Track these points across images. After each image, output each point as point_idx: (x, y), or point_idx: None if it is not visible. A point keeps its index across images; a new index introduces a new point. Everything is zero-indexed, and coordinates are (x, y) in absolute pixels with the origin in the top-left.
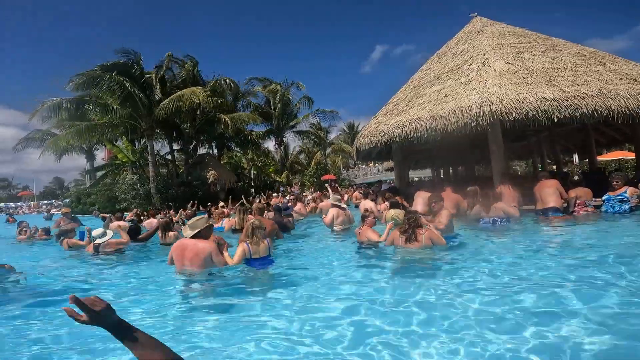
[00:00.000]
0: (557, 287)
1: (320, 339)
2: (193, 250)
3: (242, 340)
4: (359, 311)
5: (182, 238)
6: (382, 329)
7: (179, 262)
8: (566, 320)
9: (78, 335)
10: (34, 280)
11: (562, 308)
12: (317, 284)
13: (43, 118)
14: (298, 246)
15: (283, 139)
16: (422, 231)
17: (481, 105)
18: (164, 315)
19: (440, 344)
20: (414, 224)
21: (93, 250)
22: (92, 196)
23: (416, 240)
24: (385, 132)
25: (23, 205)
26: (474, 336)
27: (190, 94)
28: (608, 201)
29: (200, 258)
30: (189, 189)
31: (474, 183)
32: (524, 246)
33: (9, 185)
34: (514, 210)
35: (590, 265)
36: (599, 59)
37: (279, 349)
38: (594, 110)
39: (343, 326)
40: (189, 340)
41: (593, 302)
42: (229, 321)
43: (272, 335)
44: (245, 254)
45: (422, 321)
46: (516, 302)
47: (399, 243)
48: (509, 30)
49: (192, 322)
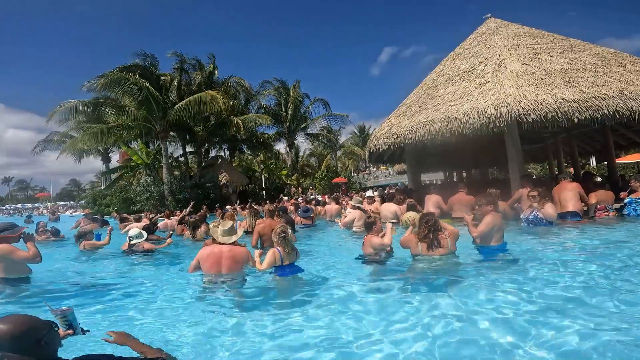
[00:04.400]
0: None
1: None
2: (230, 256)
3: (268, 345)
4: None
5: (212, 244)
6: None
7: (213, 269)
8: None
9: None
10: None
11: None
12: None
13: (60, 120)
14: (317, 250)
15: (294, 142)
16: (446, 234)
17: (498, 106)
18: (195, 318)
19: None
20: (433, 227)
21: (128, 248)
22: (107, 197)
23: (440, 247)
24: (399, 134)
25: (40, 206)
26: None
27: (210, 99)
28: (630, 204)
29: (239, 263)
30: (202, 191)
31: (490, 187)
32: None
33: (27, 187)
34: (553, 211)
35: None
36: (618, 60)
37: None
38: (615, 112)
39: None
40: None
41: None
42: (257, 325)
43: (294, 341)
44: (276, 260)
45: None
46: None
47: (417, 251)
48: (524, 31)
49: (226, 328)
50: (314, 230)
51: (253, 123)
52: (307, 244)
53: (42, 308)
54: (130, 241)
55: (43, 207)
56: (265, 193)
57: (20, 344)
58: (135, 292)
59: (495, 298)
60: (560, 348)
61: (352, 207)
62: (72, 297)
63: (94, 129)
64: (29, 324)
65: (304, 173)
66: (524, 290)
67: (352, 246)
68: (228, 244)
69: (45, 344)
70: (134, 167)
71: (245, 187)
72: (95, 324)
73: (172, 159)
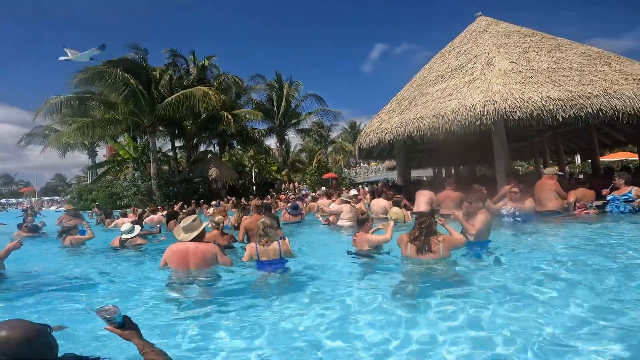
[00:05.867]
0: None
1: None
2: (196, 254)
3: (240, 343)
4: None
5: (176, 242)
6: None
7: (181, 266)
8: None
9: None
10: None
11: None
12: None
13: (45, 115)
14: (306, 246)
15: (285, 137)
16: (439, 239)
17: (485, 104)
18: (158, 317)
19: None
20: (426, 230)
21: (119, 244)
22: (93, 192)
23: (430, 251)
24: (388, 130)
25: (24, 201)
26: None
27: (202, 95)
28: (613, 201)
29: (207, 260)
30: (190, 186)
31: (478, 184)
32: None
33: (12, 181)
34: (531, 205)
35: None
36: (604, 59)
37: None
38: (599, 110)
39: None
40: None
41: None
42: (225, 321)
43: (271, 338)
44: (252, 256)
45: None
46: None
47: (406, 253)
48: (513, 30)
49: (191, 324)
50: (300, 226)
51: (244, 118)
52: (293, 240)
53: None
54: (123, 236)
55: (27, 202)
56: (256, 188)
57: (35, 348)
58: (110, 287)
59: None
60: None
61: (342, 201)
62: (52, 291)
63: (80, 122)
64: (37, 328)
65: (294, 168)
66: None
67: (338, 241)
68: (189, 240)
69: (50, 347)
70: (121, 162)
71: (235, 182)
72: (69, 318)
73: (161, 154)
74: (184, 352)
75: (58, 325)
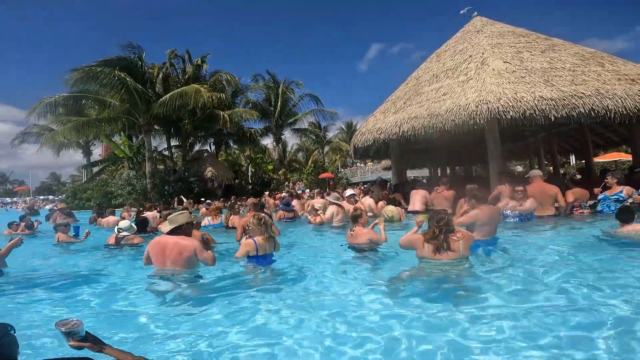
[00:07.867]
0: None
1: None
2: (175, 248)
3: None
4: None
5: (160, 235)
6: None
7: (158, 262)
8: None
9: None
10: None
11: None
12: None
13: (40, 114)
14: (301, 245)
15: (281, 137)
16: (457, 236)
17: (479, 103)
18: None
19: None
20: (445, 227)
21: (114, 242)
22: (88, 191)
23: (450, 250)
24: (383, 129)
25: (19, 200)
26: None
27: (194, 93)
28: (604, 201)
29: (184, 257)
30: (186, 185)
31: (473, 183)
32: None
33: (6, 180)
34: (531, 205)
35: None
36: (597, 59)
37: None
38: (591, 110)
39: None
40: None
41: None
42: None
43: (261, 334)
44: (251, 251)
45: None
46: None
47: (423, 254)
48: (508, 30)
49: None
50: (294, 224)
51: (240, 117)
52: (286, 237)
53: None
54: (119, 233)
55: (22, 201)
56: (252, 188)
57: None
58: (100, 285)
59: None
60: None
61: (330, 203)
62: (39, 289)
63: (75, 121)
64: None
65: (291, 168)
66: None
67: (329, 238)
68: (166, 232)
69: (10, 345)
70: (116, 161)
71: (231, 182)
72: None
73: (156, 153)
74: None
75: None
